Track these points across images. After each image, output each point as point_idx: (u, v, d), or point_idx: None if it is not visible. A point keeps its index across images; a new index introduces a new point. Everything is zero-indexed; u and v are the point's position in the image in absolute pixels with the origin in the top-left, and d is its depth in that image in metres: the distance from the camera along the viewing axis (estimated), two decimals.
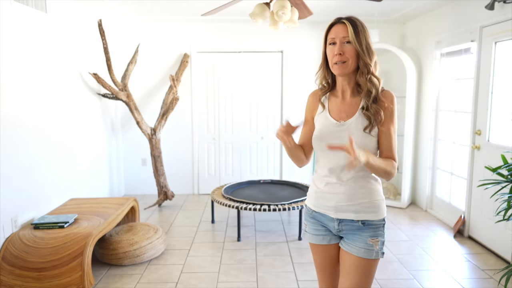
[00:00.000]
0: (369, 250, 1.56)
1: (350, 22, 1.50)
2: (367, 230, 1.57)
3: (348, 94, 1.60)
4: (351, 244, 1.59)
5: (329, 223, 1.64)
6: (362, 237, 1.57)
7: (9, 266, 2.60)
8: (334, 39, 1.52)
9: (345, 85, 1.59)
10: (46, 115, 3.39)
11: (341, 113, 1.59)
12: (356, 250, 1.56)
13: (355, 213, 1.57)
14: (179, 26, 5.16)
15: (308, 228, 1.72)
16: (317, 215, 1.68)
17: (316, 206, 1.66)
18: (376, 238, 1.57)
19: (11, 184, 2.88)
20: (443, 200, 4.34)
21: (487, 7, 3.27)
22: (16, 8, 2.97)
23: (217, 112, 5.37)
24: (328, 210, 1.62)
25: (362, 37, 1.49)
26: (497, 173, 2.25)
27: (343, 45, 1.50)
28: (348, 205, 1.57)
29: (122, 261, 3.14)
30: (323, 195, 1.63)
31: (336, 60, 1.51)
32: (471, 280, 2.96)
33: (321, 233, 1.68)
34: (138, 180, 5.38)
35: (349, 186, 1.57)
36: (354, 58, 1.51)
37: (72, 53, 3.91)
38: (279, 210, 3.63)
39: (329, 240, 1.66)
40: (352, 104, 1.58)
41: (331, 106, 1.63)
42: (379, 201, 1.59)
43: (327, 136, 1.58)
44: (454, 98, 4.12)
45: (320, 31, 5.18)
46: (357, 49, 1.49)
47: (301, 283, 2.91)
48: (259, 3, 2.63)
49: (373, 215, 1.57)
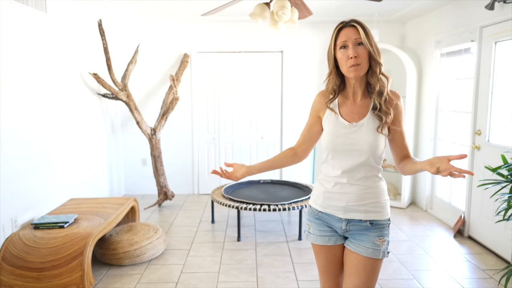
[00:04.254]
0: (377, 250, 1.58)
1: (359, 24, 1.52)
2: (374, 230, 1.59)
3: (359, 96, 1.61)
4: (358, 244, 1.59)
5: (335, 224, 1.64)
6: (369, 237, 1.59)
7: (9, 266, 2.60)
8: (346, 42, 1.52)
9: (357, 87, 1.60)
10: (46, 115, 3.38)
11: (352, 114, 1.60)
12: (364, 250, 1.58)
13: (364, 213, 1.59)
14: (179, 26, 5.16)
15: (313, 229, 1.71)
16: (323, 216, 1.67)
17: (324, 206, 1.66)
18: (383, 238, 1.59)
19: (11, 184, 2.88)
20: (443, 200, 4.34)
21: (487, 7, 3.27)
22: (16, 8, 2.97)
23: (217, 112, 5.37)
24: (337, 211, 1.62)
25: (371, 38, 1.52)
26: (497, 173, 2.25)
27: (356, 48, 1.51)
28: (357, 205, 1.59)
29: (122, 261, 3.14)
30: (332, 195, 1.63)
31: (351, 63, 1.51)
32: (471, 280, 2.96)
33: (327, 234, 1.67)
34: (138, 180, 5.38)
35: (359, 186, 1.59)
36: (367, 59, 1.52)
37: (72, 53, 3.91)
38: (279, 210, 3.63)
39: (335, 241, 1.67)
40: (363, 105, 1.60)
41: (342, 108, 1.63)
42: (385, 201, 1.62)
43: (338, 137, 1.59)
44: (454, 98, 4.12)
45: (320, 31, 5.18)
46: (369, 50, 1.50)
47: (301, 283, 2.91)
48: (259, 3, 2.63)
49: (380, 214, 1.60)
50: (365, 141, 1.55)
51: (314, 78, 5.30)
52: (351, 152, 1.56)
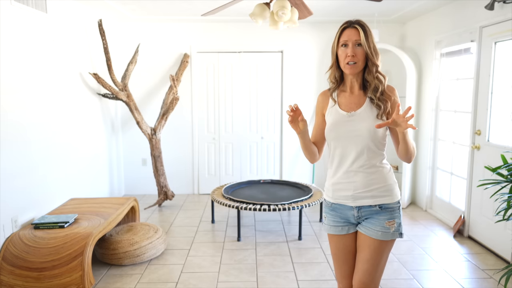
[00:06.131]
0: (386, 232, 1.70)
1: (361, 26, 1.66)
2: (384, 214, 1.71)
3: (356, 88, 1.75)
4: (369, 227, 1.72)
5: (348, 213, 1.76)
6: (379, 221, 1.70)
7: (9, 266, 2.60)
8: (347, 41, 1.67)
9: (354, 81, 1.74)
10: (46, 115, 3.39)
11: (350, 104, 1.74)
12: (374, 233, 1.70)
13: (372, 199, 1.70)
14: (179, 26, 5.16)
15: (327, 220, 1.84)
16: (336, 207, 1.79)
17: (335, 198, 1.78)
18: (392, 221, 1.71)
19: (12, 184, 2.89)
20: (443, 200, 4.35)
21: (487, 7, 3.27)
22: (16, 8, 2.97)
23: (217, 112, 5.37)
24: (347, 199, 1.74)
25: (371, 40, 1.66)
26: (497, 173, 2.25)
27: (355, 48, 1.66)
28: (365, 191, 1.70)
29: (122, 261, 3.14)
30: (340, 186, 1.75)
31: (348, 61, 1.67)
32: (471, 280, 2.96)
33: (340, 224, 1.80)
34: (138, 180, 5.38)
35: (364, 173, 1.70)
36: (363, 59, 1.67)
37: (72, 53, 3.91)
38: (279, 210, 3.63)
39: (348, 230, 1.79)
40: (360, 96, 1.74)
41: (341, 100, 1.77)
42: (392, 185, 1.73)
43: (340, 126, 1.72)
44: (454, 98, 4.12)
45: (320, 31, 5.18)
46: (366, 51, 1.65)
47: (301, 283, 2.91)
48: (259, 3, 2.63)
49: (389, 198, 1.72)
50: (363, 127, 1.67)
51: (314, 78, 5.30)
52: (352, 138, 1.69)
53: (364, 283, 1.72)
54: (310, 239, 3.76)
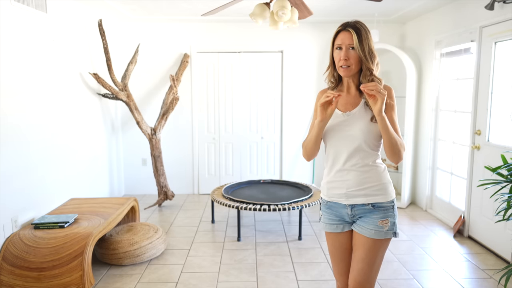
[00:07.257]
0: (379, 231, 1.70)
1: (355, 30, 1.65)
2: (377, 212, 1.71)
3: (352, 89, 1.77)
4: (363, 226, 1.73)
5: (342, 211, 1.78)
6: (372, 219, 1.71)
7: (9, 266, 2.60)
8: (341, 45, 1.68)
9: (350, 82, 1.77)
10: (46, 115, 3.39)
11: (346, 105, 1.76)
12: (367, 231, 1.71)
13: (365, 197, 1.71)
14: (179, 26, 5.16)
15: (323, 218, 1.86)
16: (331, 205, 1.81)
17: (329, 196, 1.81)
18: (386, 220, 1.71)
19: (12, 184, 2.89)
20: (443, 200, 4.35)
21: (487, 7, 3.27)
22: (16, 8, 2.97)
23: (217, 112, 5.37)
24: (340, 198, 1.76)
25: (365, 43, 1.65)
26: (497, 173, 2.25)
27: (348, 51, 1.66)
28: (357, 190, 1.72)
29: (122, 261, 3.14)
30: (334, 184, 1.77)
31: (341, 64, 1.68)
32: (471, 280, 2.96)
33: (335, 222, 1.82)
34: (138, 180, 5.38)
35: (357, 172, 1.71)
36: (357, 62, 1.68)
37: (72, 53, 3.91)
38: (279, 210, 3.63)
39: (342, 228, 1.81)
40: (356, 96, 1.76)
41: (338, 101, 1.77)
42: (386, 184, 1.74)
43: (335, 126, 1.74)
44: (454, 98, 4.12)
45: (320, 31, 5.18)
46: (360, 55, 1.65)
47: (301, 283, 2.91)
48: (259, 3, 2.63)
49: (382, 197, 1.72)
50: (357, 128, 1.69)
51: (314, 78, 5.30)
52: (346, 138, 1.71)
53: (359, 282, 1.73)
54: (310, 239, 3.77)
